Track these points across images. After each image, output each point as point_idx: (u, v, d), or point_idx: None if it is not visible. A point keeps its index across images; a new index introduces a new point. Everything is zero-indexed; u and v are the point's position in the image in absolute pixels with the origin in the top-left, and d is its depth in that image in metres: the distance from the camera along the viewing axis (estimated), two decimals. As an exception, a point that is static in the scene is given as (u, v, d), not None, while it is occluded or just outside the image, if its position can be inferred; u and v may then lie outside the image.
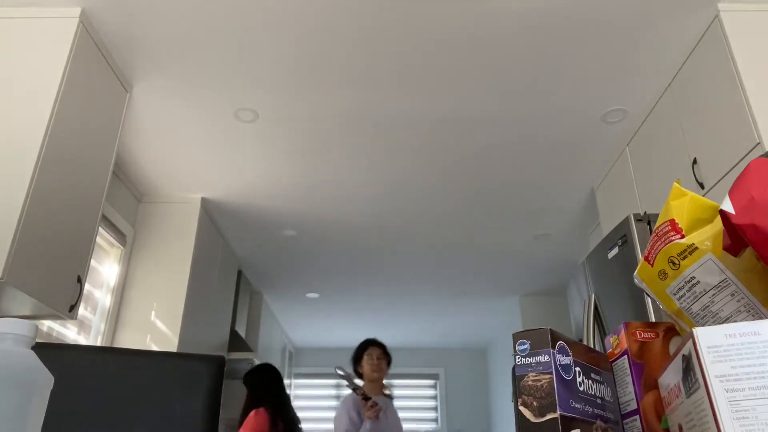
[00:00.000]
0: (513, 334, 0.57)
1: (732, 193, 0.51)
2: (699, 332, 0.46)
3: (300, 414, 3.75)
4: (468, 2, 2.32)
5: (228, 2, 2.32)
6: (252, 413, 3.26)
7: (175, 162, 3.46)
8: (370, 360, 3.14)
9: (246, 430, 3.21)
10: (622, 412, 0.63)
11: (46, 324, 2.83)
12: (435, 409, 7.89)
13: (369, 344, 3.21)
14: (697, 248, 0.56)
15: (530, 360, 0.54)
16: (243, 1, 2.31)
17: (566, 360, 0.56)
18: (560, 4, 2.33)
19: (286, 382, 6.93)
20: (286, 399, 3.48)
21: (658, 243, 0.60)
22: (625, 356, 0.64)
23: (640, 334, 0.65)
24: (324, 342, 7.72)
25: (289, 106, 2.95)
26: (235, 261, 4.77)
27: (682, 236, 0.58)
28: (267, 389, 3.41)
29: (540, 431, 0.51)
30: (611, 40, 2.51)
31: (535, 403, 0.52)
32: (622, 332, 0.65)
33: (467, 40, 2.51)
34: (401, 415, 3.35)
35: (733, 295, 0.55)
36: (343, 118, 3.04)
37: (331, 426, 7.47)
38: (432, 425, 7.74)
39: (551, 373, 0.53)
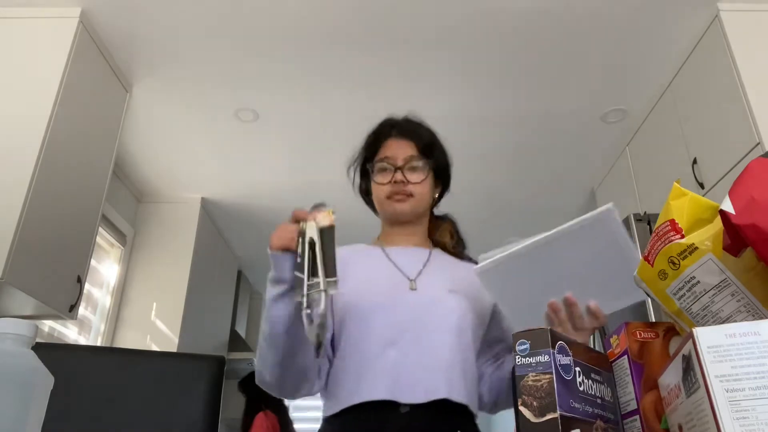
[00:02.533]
0: (513, 335, 0.57)
1: (732, 193, 0.51)
2: (699, 332, 0.46)
3: (300, 414, 3.79)
4: (467, 2, 2.32)
5: (228, 2, 2.32)
6: (261, 414, 3.34)
7: (175, 162, 3.46)
8: (382, 174, 1.27)
9: (259, 430, 3.27)
10: (622, 412, 0.63)
11: (47, 324, 2.82)
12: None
13: (382, 132, 1.34)
14: (697, 248, 0.56)
15: (530, 360, 0.54)
16: (243, 1, 2.31)
17: (566, 360, 0.56)
18: (560, 5, 2.33)
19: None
20: (282, 402, 3.57)
21: (658, 243, 0.60)
22: (625, 356, 0.64)
23: (640, 334, 0.65)
24: (324, 342, 7.72)
25: (289, 106, 2.95)
26: (235, 261, 4.77)
27: (682, 236, 0.58)
28: (263, 393, 3.53)
29: (540, 431, 0.51)
30: (611, 40, 2.51)
31: (535, 403, 0.52)
32: (622, 332, 0.65)
33: (466, 40, 2.51)
34: None
35: (733, 295, 0.55)
36: (342, 117, 3.04)
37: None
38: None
39: (551, 373, 0.53)
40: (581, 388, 0.57)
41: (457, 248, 1.32)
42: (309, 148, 3.32)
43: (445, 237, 1.32)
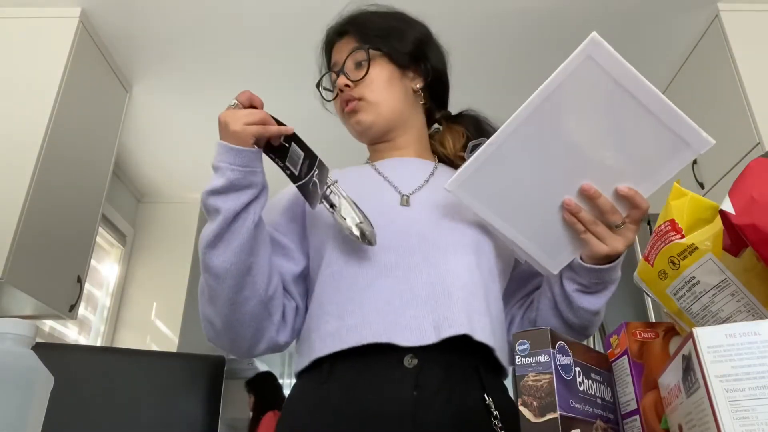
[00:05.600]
0: (513, 335, 0.57)
1: (732, 193, 0.51)
2: (699, 332, 0.46)
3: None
4: (466, 3, 2.32)
5: (228, 3, 2.32)
6: (270, 414, 3.40)
7: (175, 162, 3.46)
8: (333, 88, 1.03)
9: (267, 428, 3.32)
10: (622, 412, 0.63)
11: (47, 324, 2.82)
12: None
13: (327, 40, 1.12)
14: (697, 248, 0.56)
15: (530, 360, 0.54)
16: (243, 1, 2.31)
17: (566, 360, 0.56)
18: (559, 5, 2.33)
19: (286, 381, 6.95)
20: None
21: (658, 243, 0.60)
22: (625, 356, 0.64)
23: (640, 334, 0.64)
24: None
25: (289, 106, 2.95)
26: (235, 261, 4.77)
27: (682, 236, 0.58)
28: (273, 394, 3.62)
29: (540, 431, 0.51)
30: (611, 41, 2.50)
31: (535, 403, 0.52)
32: (622, 332, 0.65)
33: (466, 39, 2.51)
34: None
35: (733, 295, 0.55)
36: (343, 118, 3.04)
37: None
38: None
39: (551, 373, 0.53)
40: (581, 388, 0.57)
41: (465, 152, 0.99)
42: (309, 148, 3.32)
43: (446, 143, 1.02)
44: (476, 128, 1.02)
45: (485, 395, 0.77)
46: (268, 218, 0.92)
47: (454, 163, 1.01)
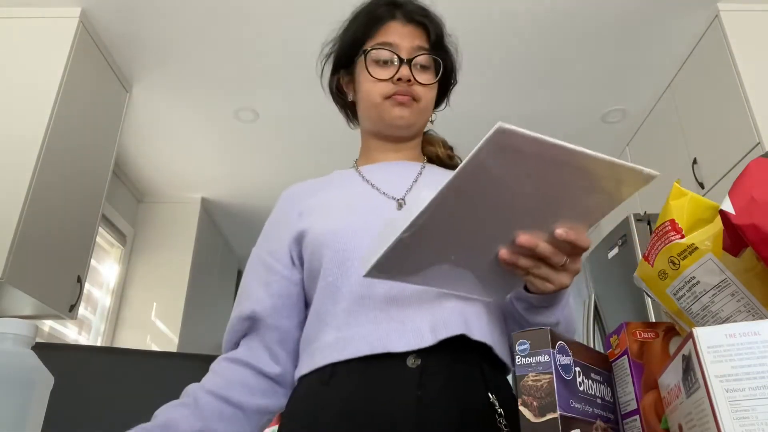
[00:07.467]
0: (512, 334, 0.57)
1: (732, 193, 0.51)
2: (699, 332, 0.46)
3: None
4: (466, 2, 2.32)
5: (228, 3, 2.32)
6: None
7: (175, 162, 3.46)
8: (381, 67, 0.94)
9: None
10: (622, 412, 0.63)
11: (47, 324, 2.82)
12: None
13: (380, 12, 0.98)
14: (697, 248, 0.56)
15: (530, 360, 0.54)
16: (243, 1, 2.31)
17: (566, 360, 0.56)
18: (560, 5, 2.33)
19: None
20: None
21: (658, 243, 0.60)
22: (625, 356, 0.64)
23: (640, 334, 0.64)
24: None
25: (289, 106, 2.95)
26: (235, 261, 4.77)
27: (682, 236, 0.58)
28: None
29: (540, 431, 0.51)
30: (611, 40, 2.51)
31: (535, 403, 0.52)
32: (622, 332, 0.65)
33: (464, 42, 2.51)
34: None
35: (733, 295, 0.55)
36: (343, 117, 3.04)
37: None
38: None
39: (551, 373, 0.53)
40: (581, 388, 0.57)
41: (453, 159, 1.05)
42: (309, 148, 3.32)
43: (437, 147, 1.06)
44: (444, 145, 1.08)
45: (489, 394, 0.77)
46: (266, 247, 0.98)
47: (443, 161, 1.04)
